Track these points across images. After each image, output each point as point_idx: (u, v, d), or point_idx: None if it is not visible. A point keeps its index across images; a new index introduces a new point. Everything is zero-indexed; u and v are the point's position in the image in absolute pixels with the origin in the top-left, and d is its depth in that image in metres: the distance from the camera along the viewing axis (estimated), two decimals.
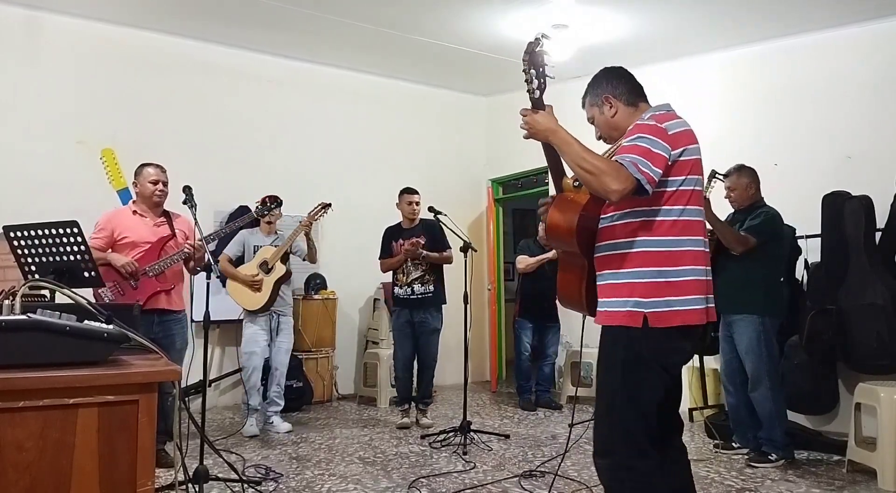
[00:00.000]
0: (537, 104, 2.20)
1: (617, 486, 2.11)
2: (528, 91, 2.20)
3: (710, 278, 2.18)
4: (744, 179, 4.13)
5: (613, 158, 2.05)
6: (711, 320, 2.17)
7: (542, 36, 2.20)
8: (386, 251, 5.13)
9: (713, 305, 2.18)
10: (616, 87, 2.27)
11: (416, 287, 4.99)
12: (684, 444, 2.32)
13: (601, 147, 2.29)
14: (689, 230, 2.11)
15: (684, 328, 2.08)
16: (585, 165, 2.02)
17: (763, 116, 5.44)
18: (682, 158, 2.10)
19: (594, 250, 2.22)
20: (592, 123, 2.35)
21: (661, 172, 2.02)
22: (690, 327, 2.10)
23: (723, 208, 4.23)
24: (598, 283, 2.21)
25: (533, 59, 2.19)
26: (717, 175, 4.23)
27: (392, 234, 5.15)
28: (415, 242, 4.95)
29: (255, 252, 4.88)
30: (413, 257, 4.95)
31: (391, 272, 5.13)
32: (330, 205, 4.91)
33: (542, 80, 2.20)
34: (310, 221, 4.77)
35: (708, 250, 2.19)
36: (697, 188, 2.15)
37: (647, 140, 2.03)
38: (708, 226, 4.14)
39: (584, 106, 2.37)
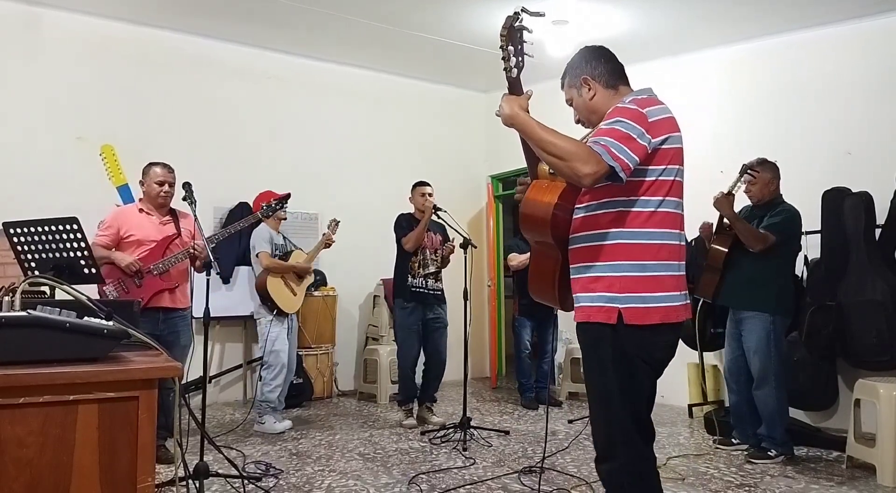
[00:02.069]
0: (514, 84, 2.07)
1: (620, 491, 2.05)
2: (505, 69, 2.06)
3: (685, 273, 2.08)
4: (766, 173, 4.05)
5: (588, 142, 1.93)
6: (688, 317, 2.09)
7: (522, 10, 2.07)
8: (407, 231, 4.96)
9: (689, 301, 2.10)
10: (595, 68, 2.15)
11: (430, 282, 4.97)
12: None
13: (579, 131, 2.20)
14: (667, 223, 2.00)
15: (664, 325, 1.99)
16: (552, 150, 1.90)
17: (763, 111, 5.44)
18: (663, 147, 1.98)
19: (569, 242, 2.11)
20: (571, 105, 2.23)
21: (638, 159, 1.90)
22: (670, 324, 2.01)
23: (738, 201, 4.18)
24: (572, 276, 2.09)
25: (511, 35, 2.04)
26: (748, 170, 4.05)
27: (409, 220, 5.03)
28: (452, 247, 4.97)
29: (275, 250, 4.91)
30: (448, 254, 5.02)
31: (402, 264, 4.98)
32: (339, 221, 5.27)
33: (520, 58, 2.06)
34: (332, 235, 5.16)
35: (684, 243, 2.09)
36: (678, 179, 2.04)
37: (625, 124, 1.91)
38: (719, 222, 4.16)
39: (562, 87, 2.24)
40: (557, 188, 2.09)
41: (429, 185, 5.06)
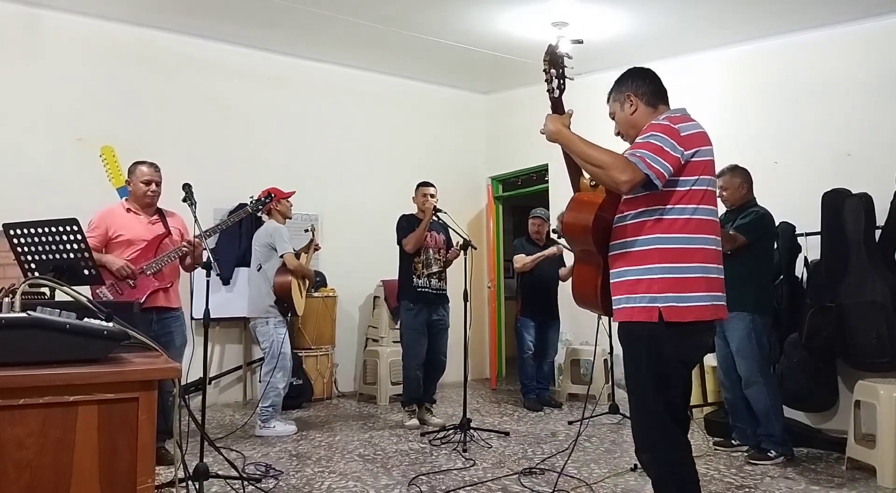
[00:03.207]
0: (557, 104, 2.28)
1: (662, 480, 2.22)
2: (549, 91, 2.28)
3: (722, 276, 2.24)
4: (736, 178, 4.14)
5: (625, 154, 2.11)
6: (722, 317, 2.23)
7: (560, 38, 2.33)
8: (407, 232, 4.95)
9: (724, 302, 2.24)
10: (640, 86, 2.34)
11: (434, 282, 4.96)
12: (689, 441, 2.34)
13: (618, 143, 2.35)
14: (702, 229, 2.17)
15: (699, 324, 2.16)
16: (593, 161, 2.12)
17: (763, 113, 5.44)
18: (694, 159, 2.15)
19: (609, 249, 2.29)
20: (613, 118, 2.41)
21: (671, 169, 2.09)
22: (704, 322, 2.18)
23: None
24: (612, 280, 2.26)
25: (553, 59, 2.27)
26: None
27: (410, 221, 5.02)
28: (457, 252, 4.92)
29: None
30: (454, 258, 4.99)
31: (405, 265, 4.98)
32: (314, 226, 5.44)
33: (561, 81, 2.28)
34: (317, 240, 5.20)
35: (720, 248, 2.25)
36: (710, 188, 2.21)
37: (658, 138, 2.11)
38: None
39: (608, 100, 2.43)
40: (598, 198, 2.29)
41: (432, 186, 5.05)
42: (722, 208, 4.27)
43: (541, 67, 2.33)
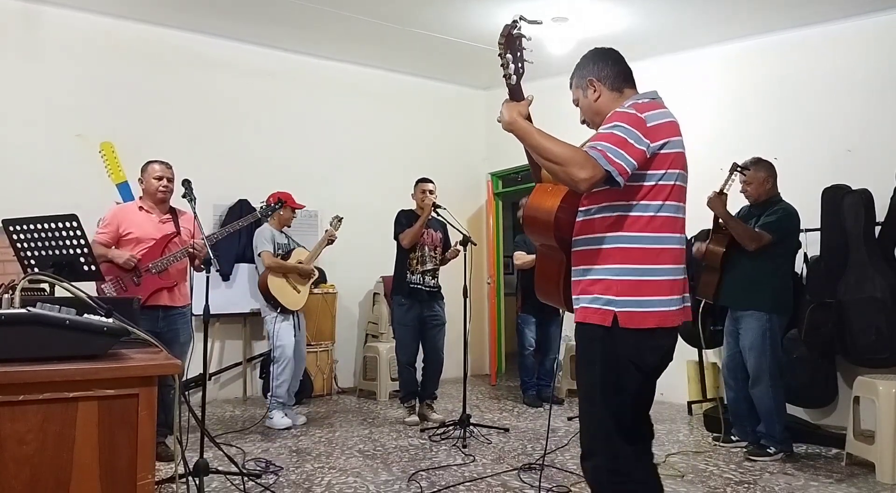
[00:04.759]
0: (514, 91, 2.08)
1: (600, 489, 2.07)
2: (505, 76, 2.07)
3: (686, 276, 2.10)
4: (761, 172, 4.05)
5: (585, 147, 1.93)
6: (687, 320, 2.09)
7: (520, 18, 2.10)
8: (404, 228, 4.97)
9: (689, 304, 2.11)
10: (602, 69, 2.15)
11: (427, 279, 4.98)
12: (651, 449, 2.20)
13: (585, 132, 2.21)
14: (667, 227, 2.00)
15: (660, 329, 1.99)
16: (549, 156, 1.91)
17: (763, 109, 5.43)
18: (662, 151, 1.97)
19: (572, 244, 2.13)
20: (577, 105, 2.25)
21: (635, 163, 1.90)
22: (666, 329, 2.01)
23: (736, 201, 4.20)
24: (572, 278, 2.12)
25: (509, 42, 2.06)
26: (738, 168, 4.08)
27: (408, 216, 5.04)
28: (457, 251, 4.93)
29: (277, 249, 4.90)
30: (453, 257, 5.01)
31: (401, 260, 5.00)
32: (342, 218, 5.18)
33: (519, 65, 2.08)
34: (335, 232, 5.08)
35: (684, 247, 2.10)
36: (679, 183, 2.03)
37: (622, 129, 1.91)
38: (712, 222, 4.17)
39: (570, 86, 2.25)
40: (560, 192, 2.11)
41: (431, 182, 5.06)
42: (739, 201, 4.25)
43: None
